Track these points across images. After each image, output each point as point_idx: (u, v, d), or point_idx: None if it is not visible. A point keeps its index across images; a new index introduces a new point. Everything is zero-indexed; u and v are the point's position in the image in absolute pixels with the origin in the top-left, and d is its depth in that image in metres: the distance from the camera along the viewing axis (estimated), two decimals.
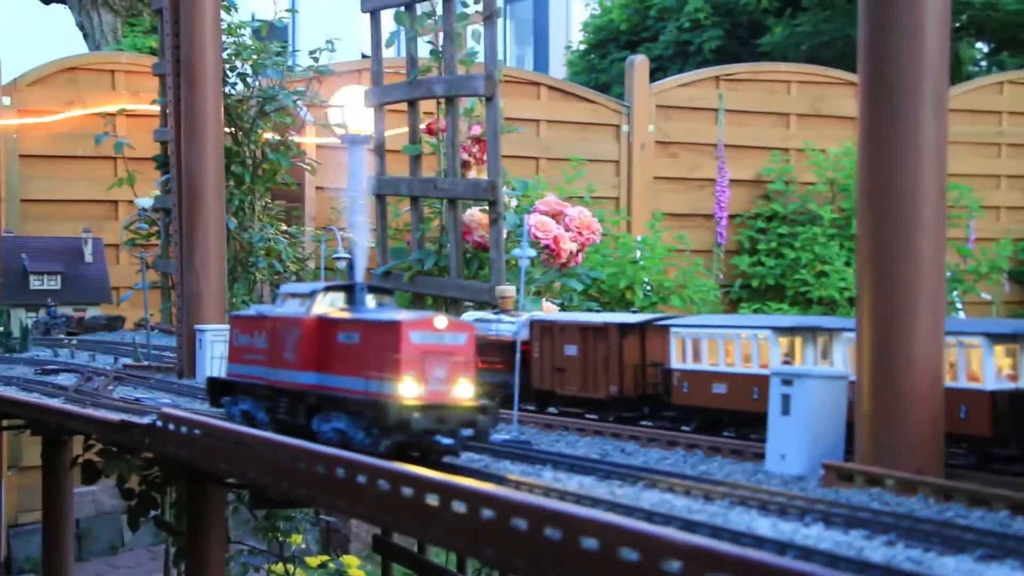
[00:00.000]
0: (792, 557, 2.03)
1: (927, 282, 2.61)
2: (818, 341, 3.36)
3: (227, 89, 7.64)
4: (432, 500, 2.47)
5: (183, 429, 3.50)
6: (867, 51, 2.64)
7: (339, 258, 4.63)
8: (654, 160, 12.48)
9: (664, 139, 12.56)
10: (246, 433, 3.22)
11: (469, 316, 4.57)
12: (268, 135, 7.86)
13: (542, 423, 3.91)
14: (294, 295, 3.54)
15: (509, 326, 4.31)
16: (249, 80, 7.85)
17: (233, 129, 7.64)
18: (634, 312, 4.12)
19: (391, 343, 3.00)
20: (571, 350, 3.99)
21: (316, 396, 3.28)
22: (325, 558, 8.11)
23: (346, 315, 3.32)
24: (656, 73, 16.52)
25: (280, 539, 6.80)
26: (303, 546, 7.72)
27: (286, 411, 3.41)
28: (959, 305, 13.18)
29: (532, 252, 3.97)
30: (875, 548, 2.12)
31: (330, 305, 3.40)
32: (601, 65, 19.55)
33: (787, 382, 2.90)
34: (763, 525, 2.30)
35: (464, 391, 3.03)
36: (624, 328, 3.91)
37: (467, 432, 2.98)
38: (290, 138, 7.99)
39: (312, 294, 3.42)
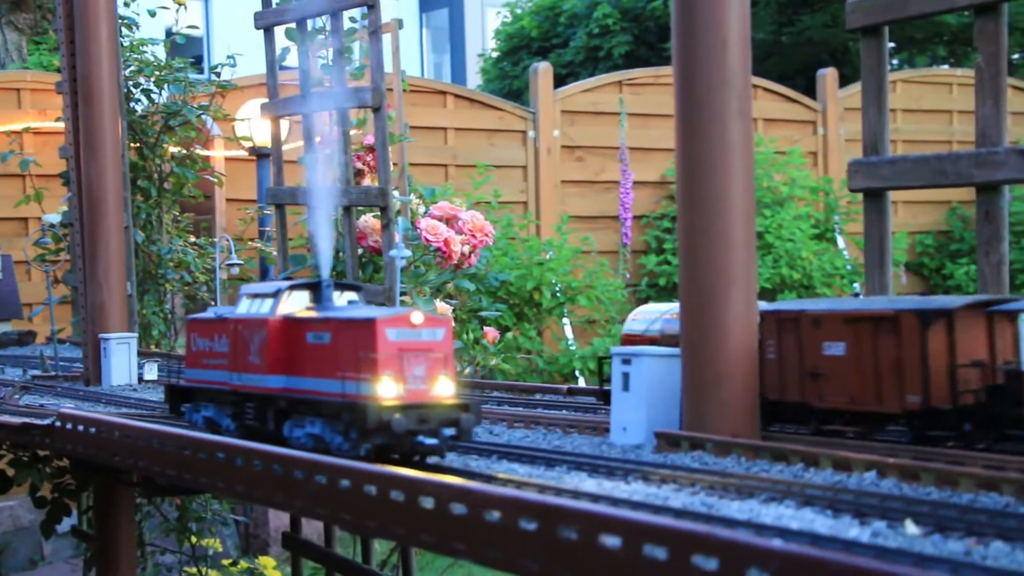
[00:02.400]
0: (603, 505, 2.32)
1: (739, 266, 2.92)
2: None
3: (132, 105, 7.84)
4: (298, 475, 2.73)
5: (80, 427, 3.72)
6: (679, 65, 2.95)
7: (231, 264, 4.86)
8: (560, 164, 12.82)
9: (570, 144, 12.92)
10: (134, 426, 3.45)
11: (649, 309, 3.89)
12: (174, 149, 8.04)
13: None
14: (256, 295, 3.40)
15: None
16: (154, 96, 8.04)
17: (139, 144, 7.82)
18: (922, 295, 3.30)
19: (366, 342, 2.87)
20: (835, 348, 3.11)
21: (286, 400, 3.16)
22: (244, 565, 8.28)
23: (314, 314, 3.21)
24: (568, 78, 16.93)
25: (193, 541, 6.98)
26: (220, 549, 7.92)
27: (254, 417, 3.28)
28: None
29: (408, 252, 4.17)
30: (679, 498, 2.42)
31: (295, 304, 3.28)
32: (514, 72, 19.90)
33: (626, 361, 3.19)
34: (589, 484, 2.59)
35: (445, 389, 2.93)
36: (927, 316, 2.93)
37: (449, 431, 2.87)
38: (196, 152, 8.18)
39: (276, 293, 3.29)
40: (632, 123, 13.04)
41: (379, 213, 5.77)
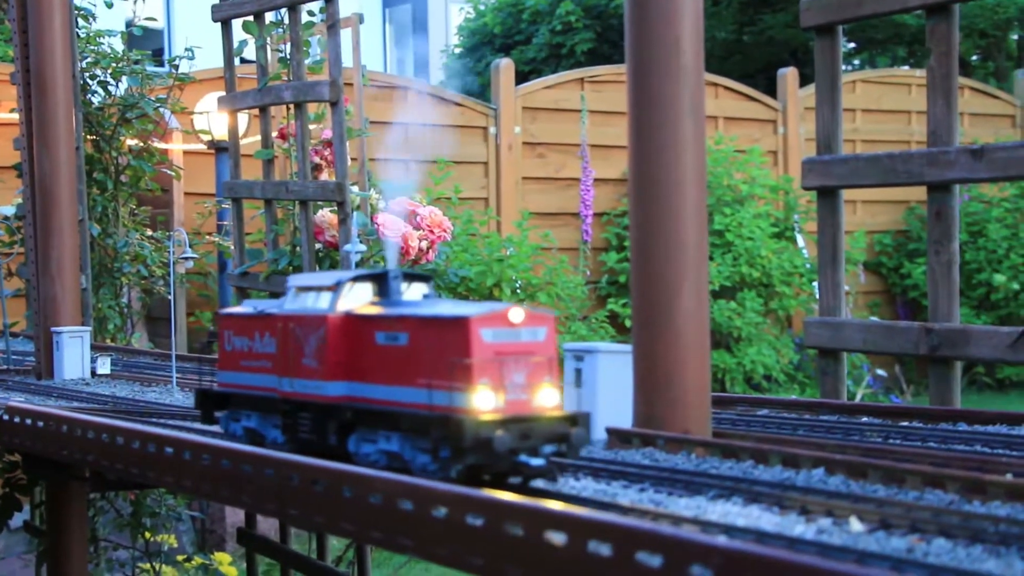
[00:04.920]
0: (551, 502, 2.32)
1: (690, 265, 2.93)
2: None
3: (89, 97, 7.76)
4: (246, 469, 2.72)
5: (28, 421, 3.69)
6: (631, 61, 2.95)
7: (186, 258, 4.82)
8: (521, 161, 12.82)
9: (531, 140, 12.92)
10: (81, 420, 3.41)
11: None
12: (131, 142, 7.97)
13: None
14: (309, 288, 2.91)
15: None
16: (110, 88, 7.96)
17: (95, 136, 7.75)
18: None
19: (458, 344, 2.43)
20: None
21: (352, 411, 2.71)
22: (198, 561, 8.22)
23: (385, 310, 2.73)
24: (531, 75, 16.94)
25: (147, 536, 6.93)
26: (175, 545, 7.86)
27: (311, 429, 2.82)
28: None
29: (363, 247, 4.15)
30: (627, 494, 2.42)
31: (358, 298, 2.80)
32: (477, 68, 19.90)
33: (579, 358, 3.19)
34: (538, 480, 2.58)
35: (549, 398, 2.50)
36: None
37: (550, 448, 2.46)
38: (153, 145, 8.11)
39: (337, 286, 2.80)
40: (593, 120, 13.06)
41: (336, 208, 5.75)
